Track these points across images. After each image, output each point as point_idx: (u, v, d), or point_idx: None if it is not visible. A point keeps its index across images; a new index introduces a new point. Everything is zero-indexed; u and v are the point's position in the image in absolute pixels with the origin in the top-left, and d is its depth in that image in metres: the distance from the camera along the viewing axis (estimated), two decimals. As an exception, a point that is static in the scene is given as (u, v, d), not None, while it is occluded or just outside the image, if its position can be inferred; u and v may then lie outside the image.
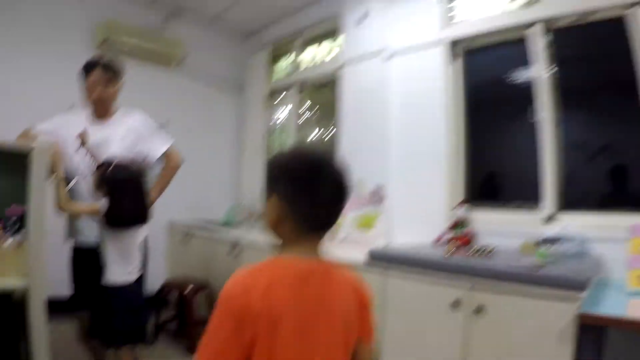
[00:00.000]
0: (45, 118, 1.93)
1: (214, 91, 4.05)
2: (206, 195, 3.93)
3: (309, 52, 3.71)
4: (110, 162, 1.72)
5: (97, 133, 1.87)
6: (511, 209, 2.34)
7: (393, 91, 2.77)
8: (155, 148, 1.98)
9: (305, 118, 3.75)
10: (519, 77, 2.37)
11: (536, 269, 1.53)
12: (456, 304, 1.64)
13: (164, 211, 2.91)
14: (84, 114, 1.94)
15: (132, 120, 1.97)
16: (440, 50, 2.56)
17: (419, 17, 2.69)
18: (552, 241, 1.87)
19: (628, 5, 1.91)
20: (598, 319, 1.20)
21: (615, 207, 1.96)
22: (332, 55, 3.43)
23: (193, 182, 3.61)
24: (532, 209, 2.21)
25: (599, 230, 1.91)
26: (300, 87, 3.74)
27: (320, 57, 3.58)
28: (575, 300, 1.30)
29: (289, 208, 0.84)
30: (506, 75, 2.42)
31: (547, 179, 2.16)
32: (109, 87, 1.89)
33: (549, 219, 2.12)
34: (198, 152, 3.69)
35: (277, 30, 3.87)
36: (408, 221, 2.58)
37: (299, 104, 3.76)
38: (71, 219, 1.92)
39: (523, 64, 2.31)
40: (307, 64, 3.70)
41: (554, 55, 2.21)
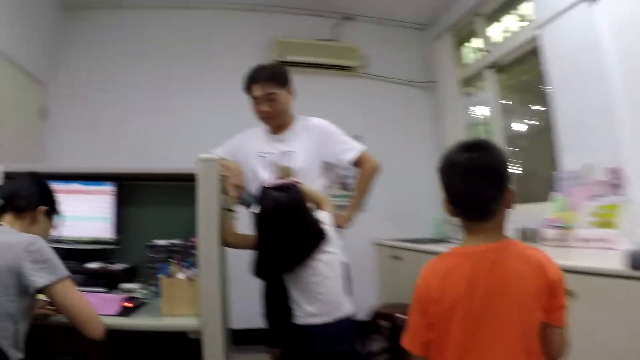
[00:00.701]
0: (224, 140, 1.90)
1: (401, 91, 3.67)
2: (410, 208, 3.44)
3: (496, 27, 3.12)
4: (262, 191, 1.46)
5: (277, 148, 1.75)
6: None
7: (609, 46, 2.01)
8: (343, 153, 1.75)
9: (507, 102, 3.14)
10: None
11: None
12: None
13: (367, 230, 2.88)
14: (261, 131, 1.84)
15: (312, 127, 1.78)
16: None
17: None
18: None
19: None
20: None
21: None
22: (523, 24, 2.79)
23: (393, 195, 3.24)
24: None
25: None
26: (496, 68, 3.13)
27: (510, 28, 2.97)
28: None
29: (447, 200, 0.94)
30: None
31: None
32: (277, 99, 1.72)
33: None
34: (394, 160, 3.18)
35: (454, 13, 3.36)
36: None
37: (497, 87, 3.15)
38: None
39: None
40: (497, 40, 3.08)
41: None
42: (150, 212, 1.78)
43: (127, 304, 1.38)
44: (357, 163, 1.80)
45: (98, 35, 3.23)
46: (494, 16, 3.11)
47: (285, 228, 1.38)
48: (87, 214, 1.72)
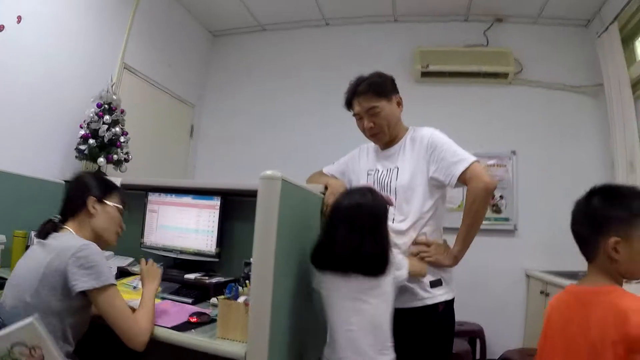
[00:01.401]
0: (337, 158, 1.86)
1: (562, 98, 3.20)
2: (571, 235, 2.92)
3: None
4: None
5: (384, 165, 1.62)
6: None
7: None
8: (452, 167, 1.46)
9: None
10: None
11: None
12: None
13: (518, 258, 2.66)
14: (373, 146, 1.72)
15: (420, 138, 1.58)
16: None
17: None
18: None
19: None
20: None
21: None
22: None
23: (552, 219, 2.65)
24: None
25: None
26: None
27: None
28: None
29: None
30: None
31: None
32: (379, 113, 1.56)
33: None
34: (555, 178, 2.91)
35: (615, 2, 2.75)
36: None
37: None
38: None
39: None
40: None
41: None
42: (252, 228, 1.78)
43: (193, 319, 1.37)
44: (463, 179, 1.43)
45: (241, 58, 3.68)
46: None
47: (355, 223, 1.23)
48: (193, 227, 1.85)
